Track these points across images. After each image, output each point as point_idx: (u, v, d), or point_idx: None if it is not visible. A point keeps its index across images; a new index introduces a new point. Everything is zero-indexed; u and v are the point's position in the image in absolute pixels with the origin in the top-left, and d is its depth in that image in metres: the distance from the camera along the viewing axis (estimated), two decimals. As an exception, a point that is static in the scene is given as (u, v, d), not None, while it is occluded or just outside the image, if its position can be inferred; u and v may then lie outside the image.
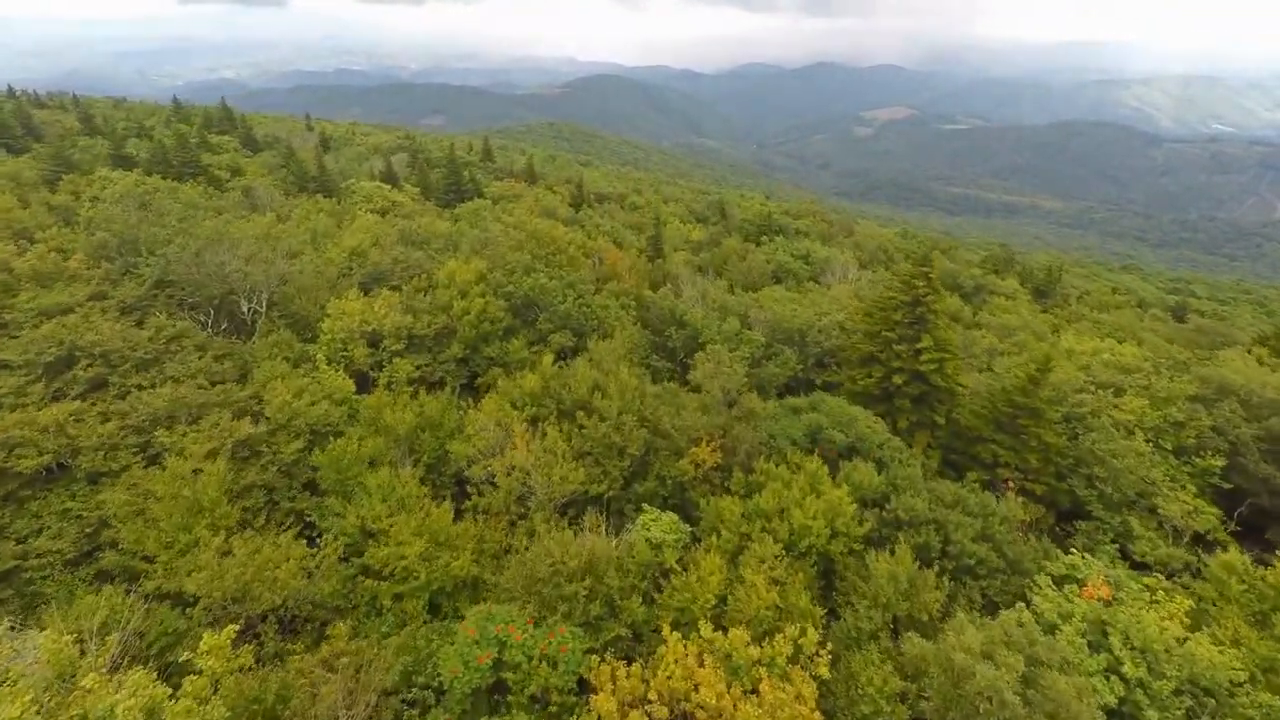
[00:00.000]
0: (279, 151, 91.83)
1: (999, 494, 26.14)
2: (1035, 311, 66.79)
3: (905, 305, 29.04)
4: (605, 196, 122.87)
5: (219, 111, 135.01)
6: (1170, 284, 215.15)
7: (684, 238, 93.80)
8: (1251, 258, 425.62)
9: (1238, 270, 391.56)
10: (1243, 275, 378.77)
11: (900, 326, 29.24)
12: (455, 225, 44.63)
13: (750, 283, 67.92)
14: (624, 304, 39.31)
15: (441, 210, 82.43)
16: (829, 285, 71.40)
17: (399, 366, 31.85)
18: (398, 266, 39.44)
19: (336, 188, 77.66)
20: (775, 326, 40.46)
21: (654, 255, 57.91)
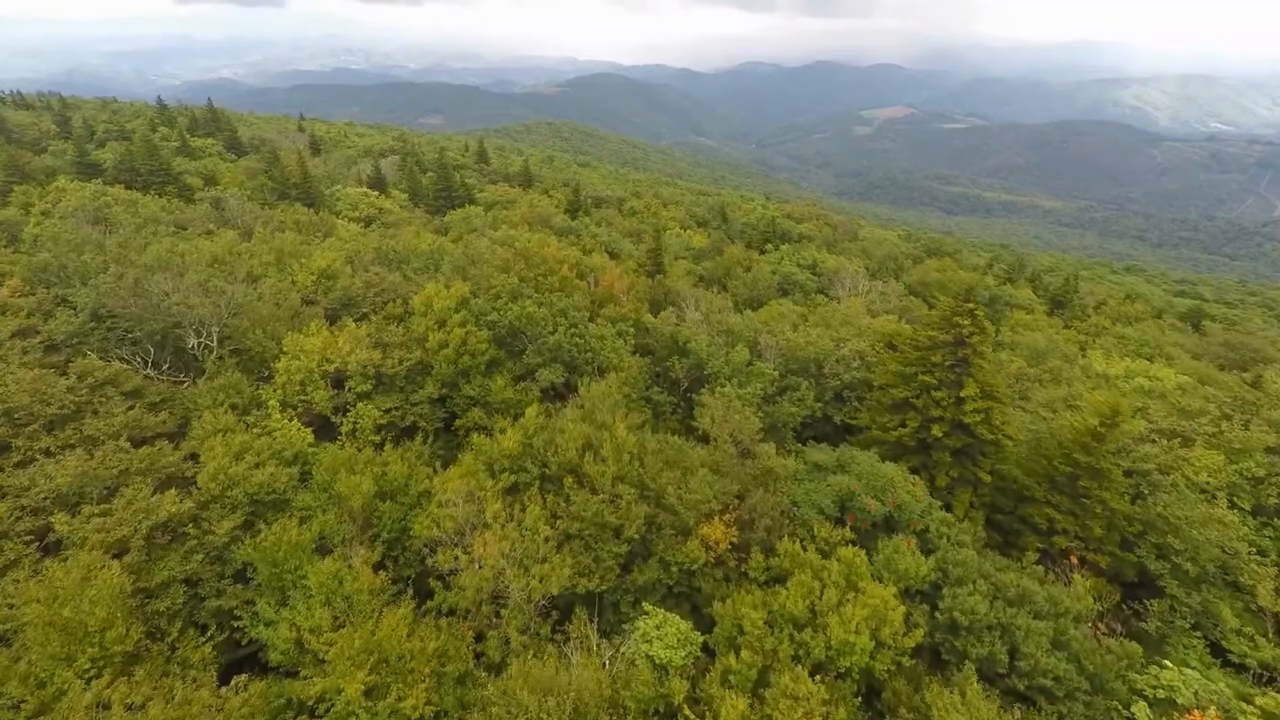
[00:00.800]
0: (263, 156, 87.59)
1: (1060, 571, 22.10)
2: (1057, 326, 62.73)
3: (946, 346, 24.93)
4: (603, 200, 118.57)
5: (205, 113, 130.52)
6: (1176, 286, 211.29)
7: (684, 245, 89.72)
8: (1252, 257, 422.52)
9: (1238, 269, 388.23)
10: (1244, 275, 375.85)
11: (940, 369, 25.14)
12: (436, 243, 40.49)
13: (755, 296, 63.86)
14: (621, 331, 35.18)
15: (431, 217, 78.28)
16: (838, 298, 67.37)
17: (364, 412, 27.70)
18: (370, 291, 35.25)
19: (320, 195, 73.45)
20: (789, 356, 36.35)
21: (654, 270, 53.76)
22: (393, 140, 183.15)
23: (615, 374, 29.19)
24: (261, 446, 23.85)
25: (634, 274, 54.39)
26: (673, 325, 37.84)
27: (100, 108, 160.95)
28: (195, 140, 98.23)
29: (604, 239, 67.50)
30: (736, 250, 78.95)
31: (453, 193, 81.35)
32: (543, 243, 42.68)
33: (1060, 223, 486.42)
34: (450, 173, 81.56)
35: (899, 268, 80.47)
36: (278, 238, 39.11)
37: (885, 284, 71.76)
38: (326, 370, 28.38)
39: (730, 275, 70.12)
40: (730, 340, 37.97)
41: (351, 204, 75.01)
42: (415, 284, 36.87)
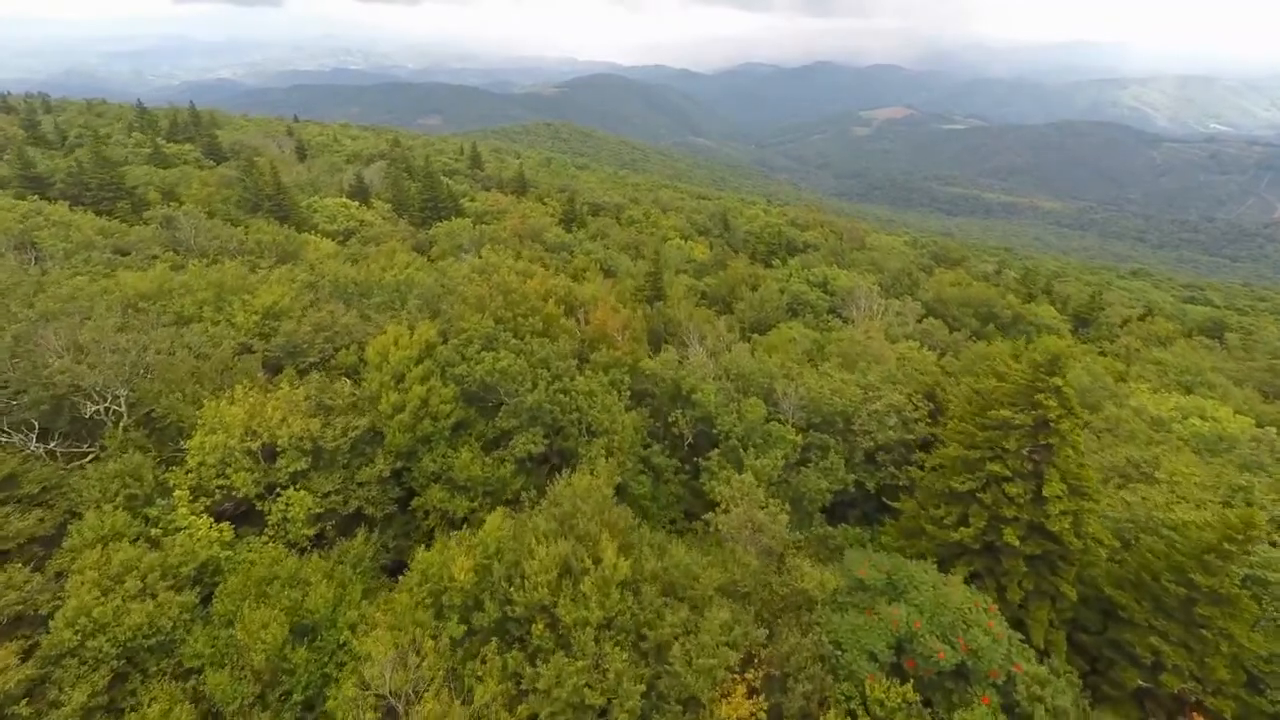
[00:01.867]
0: (240, 163, 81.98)
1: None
2: (1091, 353, 57.33)
3: (1024, 430, 19.57)
4: (600, 207, 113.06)
5: (187, 115, 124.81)
6: (1184, 291, 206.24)
7: (685, 257, 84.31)
8: (1253, 258, 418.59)
9: (1240, 271, 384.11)
10: (1246, 277, 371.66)
11: (1014, 457, 19.79)
12: (404, 273, 35.11)
13: (763, 319, 58.50)
14: (615, 380, 29.76)
15: (415, 230, 72.76)
16: (852, 319, 61.98)
17: (295, 500, 22.29)
18: (319, 336, 29.77)
19: (294, 207, 67.90)
20: (811, 408, 30.95)
21: (653, 295, 48.32)
22: (386, 144, 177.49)
23: (604, 460, 23.68)
24: (151, 564, 18.43)
25: (631, 298, 49.03)
26: (674, 368, 32.43)
27: (84, 109, 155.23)
28: (170, 146, 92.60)
29: (599, 255, 62.04)
30: (741, 265, 73.56)
31: (439, 203, 75.83)
32: (527, 272, 37.20)
33: (1060, 224, 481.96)
34: (437, 182, 76.03)
35: (914, 283, 75.07)
36: (216, 269, 33.58)
37: (901, 302, 66.39)
38: (251, 447, 22.95)
39: (735, 294, 64.73)
40: (742, 385, 32.60)
41: (329, 216, 69.51)
42: (375, 323, 31.41)
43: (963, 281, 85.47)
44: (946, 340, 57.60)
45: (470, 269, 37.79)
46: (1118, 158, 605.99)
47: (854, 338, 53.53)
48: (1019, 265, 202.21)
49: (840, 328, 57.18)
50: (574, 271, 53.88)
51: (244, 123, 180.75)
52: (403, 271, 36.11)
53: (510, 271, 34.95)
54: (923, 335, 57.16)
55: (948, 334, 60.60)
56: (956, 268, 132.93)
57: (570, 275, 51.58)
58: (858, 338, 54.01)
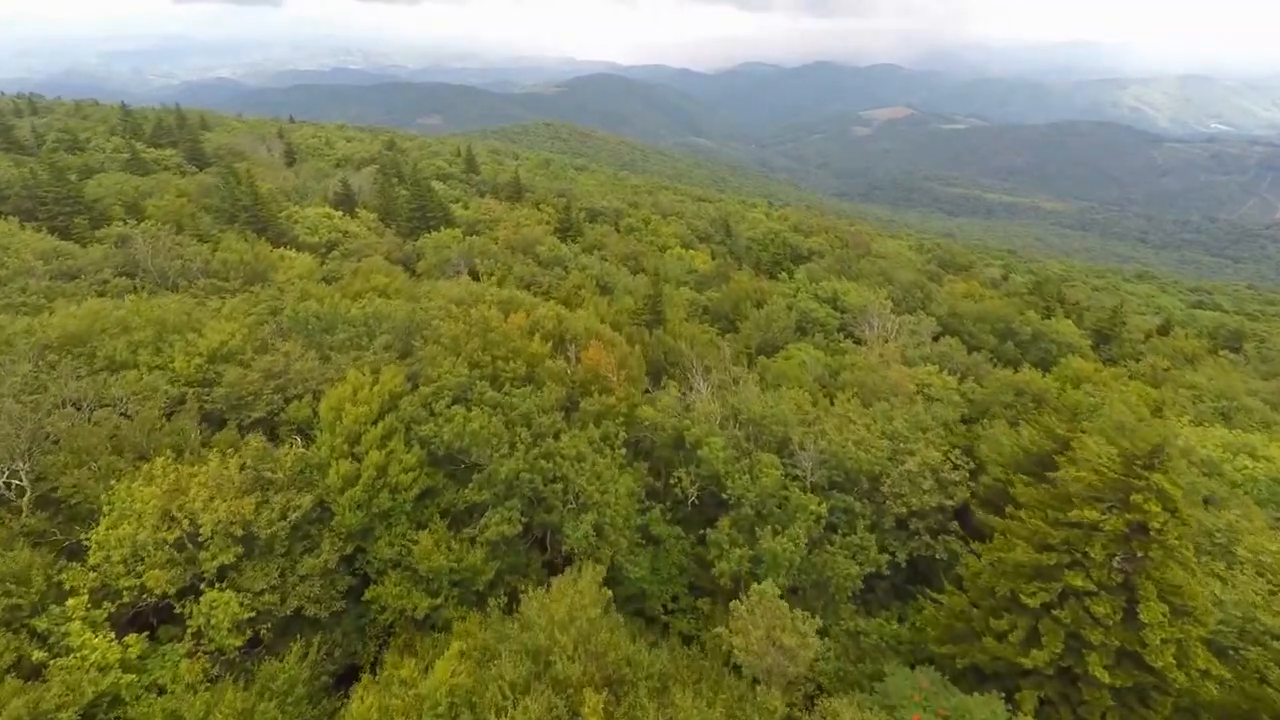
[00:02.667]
0: (220, 170, 77.88)
1: None
2: (1121, 377, 53.27)
3: (1115, 538, 15.62)
4: (598, 213, 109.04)
5: (173, 118, 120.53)
6: (1190, 295, 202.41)
7: (686, 267, 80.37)
8: (1255, 259, 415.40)
9: (1242, 272, 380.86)
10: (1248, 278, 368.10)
11: (1098, 567, 15.85)
12: (373, 305, 31.10)
13: (770, 339, 54.46)
14: (608, 436, 25.75)
15: (403, 241, 68.69)
16: (864, 338, 57.96)
17: (220, 605, 18.33)
18: (269, 385, 25.76)
19: (273, 218, 63.81)
20: (833, 463, 26.97)
21: (653, 319, 44.28)
22: (381, 146, 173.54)
23: (590, 564, 19.62)
24: (19, 711, 14.47)
25: (630, 320, 44.99)
26: (676, 416, 28.43)
27: (73, 111, 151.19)
28: (149, 151, 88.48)
29: (595, 271, 57.99)
30: (745, 279, 69.56)
31: (428, 212, 71.72)
32: (511, 302, 33.23)
33: (1062, 224, 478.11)
34: (425, 190, 71.93)
35: (926, 296, 71.02)
36: (157, 304, 29.53)
37: (915, 318, 62.34)
38: (168, 538, 18.97)
39: (739, 311, 60.71)
40: (753, 432, 28.62)
41: (310, 227, 65.50)
42: (337, 367, 27.39)
43: (976, 294, 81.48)
44: (966, 362, 53.57)
45: (448, 299, 33.75)
46: (1119, 158, 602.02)
47: (869, 363, 49.52)
48: (1024, 269, 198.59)
49: (853, 350, 53.14)
50: (568, 290, 49.88)
51: (236, 124, 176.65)
52: (374, 301, 32.07)
53: (492, 304, 30.91)
54: (941, 357, 53.10)
55: (966, 354, 56.55)
56: (965, 274, 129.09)
57: (564, 295, 47.59)
58: (873, 363, 50.02)
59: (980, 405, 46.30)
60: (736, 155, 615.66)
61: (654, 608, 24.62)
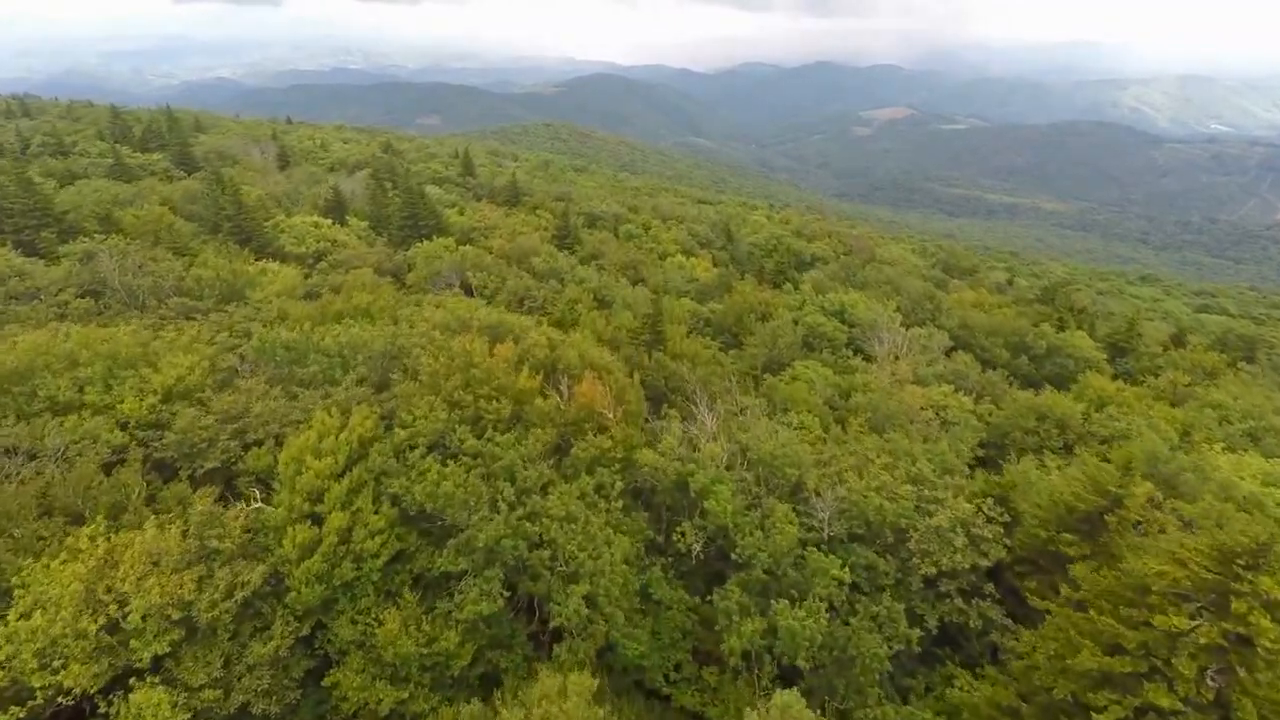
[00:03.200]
0: (205, 176, 75.13)
1: None
2: (1145, 399, 50.49)
3: (1208, 649, 12.96)
4: (598, 218, 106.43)
5: (164, 119, 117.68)
6: (1195, 298, 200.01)
7: (687, 276, 77.70)
8: (1257, 261, 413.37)
9: (1243, 274, 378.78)
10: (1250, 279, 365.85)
11: (1184, 681, 13.18)
12: (348, 334, 28.39)
13: (776, 356, 51.75)
14: (603, 486, 23.09)
15: (394, 251, 65.98)
16: (874, 354, 55.28)
17: (150, 707, 15.66)
18: (226, 430, 23.09)
19: (258, 228, 61.05)
20: (853, 512, 24.34)
21: (652, 340, 41.57)
22: (378, 148, 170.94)
23: (579, 674, 16.88)
24: None
25: (628, 340, 42.31)
26: (679, 460, 25.74)
27: (65, 113, 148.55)
28: (135, 156, 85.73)
29: (593, 285, 55.29)
30: (748, 289, 66.84)
31: (420, 220, 68.97)
32: (501, 326, 30.55)
33: (1063, 225, 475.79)
34: (417, 198, 69.19)
35: (936, 307, 68.32)
36: (109, 334, 26.81)
37: (926, 332, 59.63)
38: (89, 629, 16.30)
39: (743, 324, 58.04)
40: (763, 474, 25.98)
41: (297, 237, 62.78)
42: (305, 406, 24.72)
43: (985, 304, 78.76)
44: (980, 381, 50.92)
45: (432, 324, 31.05)
46: (1119, 158, 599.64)
47: (882, 384, 46.87)
48: (1027, 272, 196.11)
49: (863, 368, 50.44)
50: (563, 307, 47.20)
51: (232, 126, 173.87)
52: (350, 329, 29.35)
53: (478, 333, 28.23)
54: (955, 375, 50.45)
55: (980, 371, 53.90)
56: (971, 279, 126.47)
57: (559, 314, 44.92)
58: (885, 383, 47.38)
59: (999, 429, 43.68)
60: (736, 155, 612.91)
61: (654, 679, 21.97)
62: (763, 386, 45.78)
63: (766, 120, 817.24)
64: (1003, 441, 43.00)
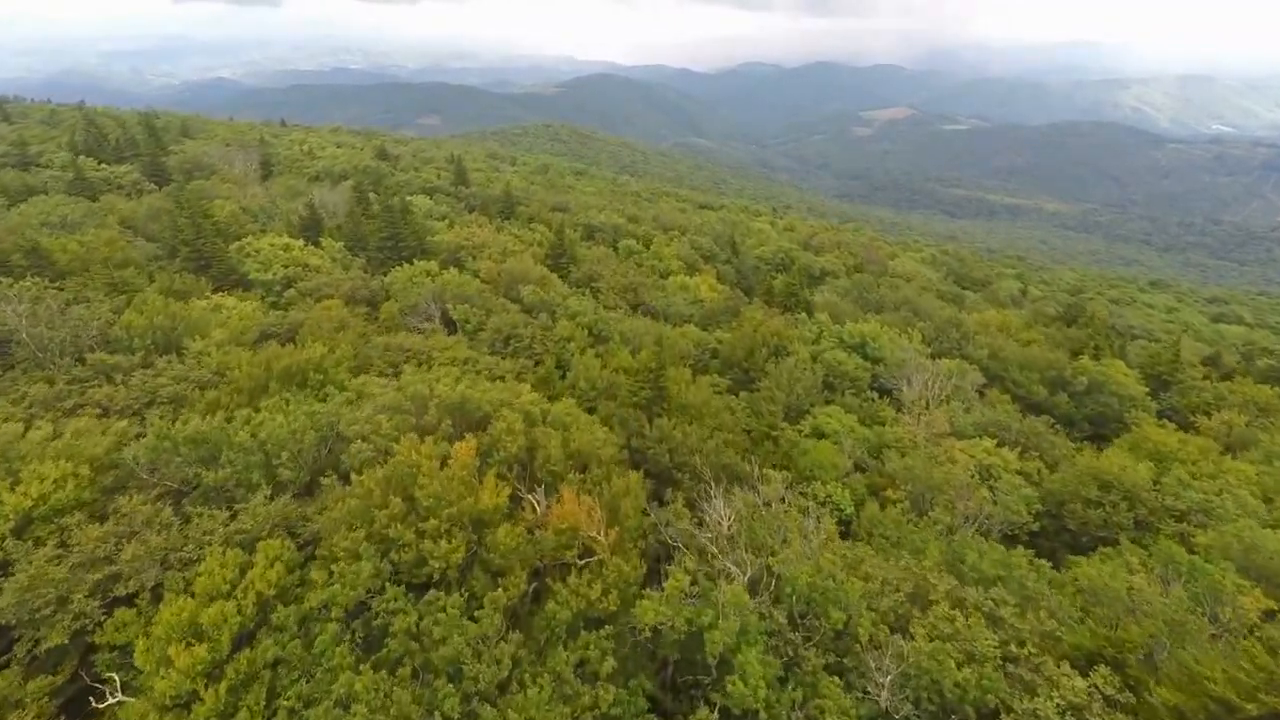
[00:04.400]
0: (171, 192, 68.91)
1: None
2: (1208, 452, 44.27)
3: None
4: (596, 230, 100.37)
5: (141, 124, 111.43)
6: (1208, 305, 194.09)
7: (691, 297, 71.66)
8: (1261, 262, 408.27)
9: (1248, 275, 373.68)
10: (1254, 281, 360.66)
11: None
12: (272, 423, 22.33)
13: (794, 402, 45.59)
14: (589, 661, 16.99)
15: (370, 276, 59.81)
16: (902, 396, 49.12)
17: None
18: (84, 584, 16.95)
19: (219, 253, 54.89)
20: (924, 682, 18.21)
21: (654, 396, 35.42)
22: (371, 154, 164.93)
23: None
24: None
25: (626, 400, 36.20)
26: (685, 608, 19.53)
27: (47, 116, 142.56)
28: (99, 170, 79.51)
29: (587, 319, 49.09)
30: (757, 315, 60.68)
31: (400, 242, 62.77)
32: (464, 409, 24.51)
33: (1065, 226, 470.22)
34: (399, 216, 62.99)
35: (963, 335, 62.12)
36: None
37: (956, 366, 53.47)
38: None
39: (754, 360, 51.84)
40: (800, 614, 19.90)
41: (264, 262, 56.63)
42: (198, 539, 18.58)
43: (1011, 327, 72.71)
44: (1024, 431, 44.73)
45: (381, 406, 24.89)
46: (1121, 159, 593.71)
47: (915, 438, 40.79)
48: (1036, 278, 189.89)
49: (893, 418, 44.25)
50: (553, 355, 41.15)
51: (220, 130, 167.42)
52: (276, 418, 23.20)
53: (433, 434, 22.10)
54: (995, 426, 44.30)
55: (1019, 416, 47.77)
56: (985, 291, 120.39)
57: (545, 368, 38.82)
58: (919, 435, 41.29)
59: (1054, 496, 37.65)
60: (737, 156, 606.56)
61: None
62: (782, 444, 39.75)
63: (767, 120, 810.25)
64: (1059, 512, 36.97)
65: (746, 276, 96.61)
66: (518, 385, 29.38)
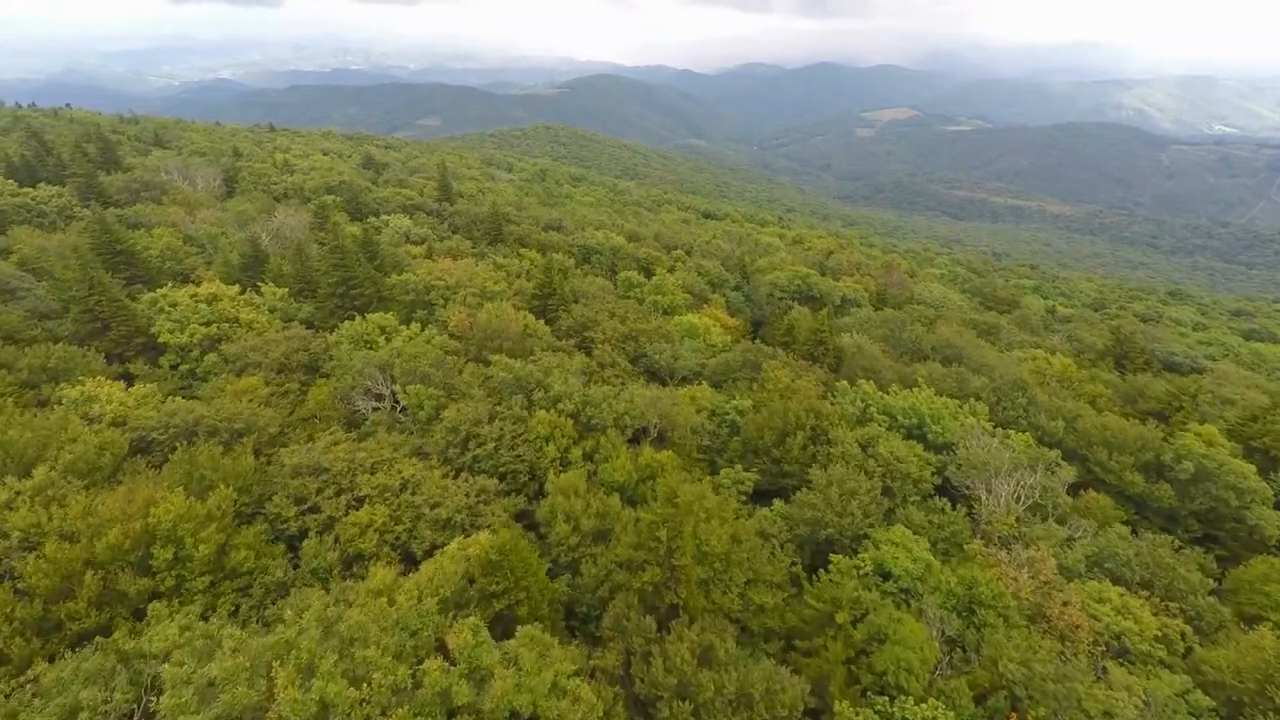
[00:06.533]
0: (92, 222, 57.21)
1: None
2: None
3: None
4: (593, 253, 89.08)
5: (93, 136, 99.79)
6: (1232, 316, 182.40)
7: (700, 343, 60.42)
8: (1270, 266, 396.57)
9: (1257, 279, 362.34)
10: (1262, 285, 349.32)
11: None
12: None
13: (847, 525, 33.84)
14: None
15: (314, 334, 48.21)
16: (979, 499, 37.83)
17: None
18: None
19: (120, 311, 43.36)
20: None
21: (666, 579, 23.95)
22: (358, 162, 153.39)
23: None
24: None
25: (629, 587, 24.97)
26: None
27: (11, 124, 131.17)
28: (22, 193, 67.99)
29: (573, 403, 37.47)
30: (782, 377, 49.17)
31: (353, 288, 51.21)
32: (382, 622, 12.77)
33: (1070, 228, 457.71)
34: (351, 259, 51.43)
35: (1030, 400, 50.40)
36: None
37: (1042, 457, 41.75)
38: None
39: (787, 450, 40.42)
40: None
41: (180, 320, 45.13)
42: None
43: (1074, 379, 61.37)
44: (1150, 564, 33.28)
45: (259, 651, 13.46)
46: (1125, 160, 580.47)
47: (1022, 595, 29.35)
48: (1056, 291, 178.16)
49: (983, 553, 32.66)
50: (530, 446, 29.82)
51: (198, 136, 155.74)
52: None
53: None
54: (1113, 560, 32.89)
55: (1131, 538, 36.28)
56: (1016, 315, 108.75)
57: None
58: (1024, 589, 29.83)
59: (1223, 689, 26.50)
60: (738, 157, 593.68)
61: None
62: (845, 627, 27.97)
63: (768, 121, 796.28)
64: (1236, 716, 25.76)
65: (759, 306, 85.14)
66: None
